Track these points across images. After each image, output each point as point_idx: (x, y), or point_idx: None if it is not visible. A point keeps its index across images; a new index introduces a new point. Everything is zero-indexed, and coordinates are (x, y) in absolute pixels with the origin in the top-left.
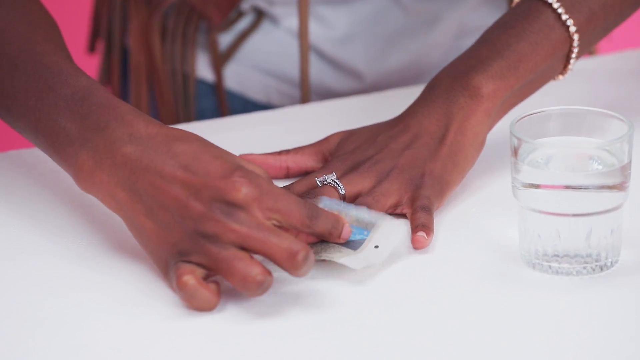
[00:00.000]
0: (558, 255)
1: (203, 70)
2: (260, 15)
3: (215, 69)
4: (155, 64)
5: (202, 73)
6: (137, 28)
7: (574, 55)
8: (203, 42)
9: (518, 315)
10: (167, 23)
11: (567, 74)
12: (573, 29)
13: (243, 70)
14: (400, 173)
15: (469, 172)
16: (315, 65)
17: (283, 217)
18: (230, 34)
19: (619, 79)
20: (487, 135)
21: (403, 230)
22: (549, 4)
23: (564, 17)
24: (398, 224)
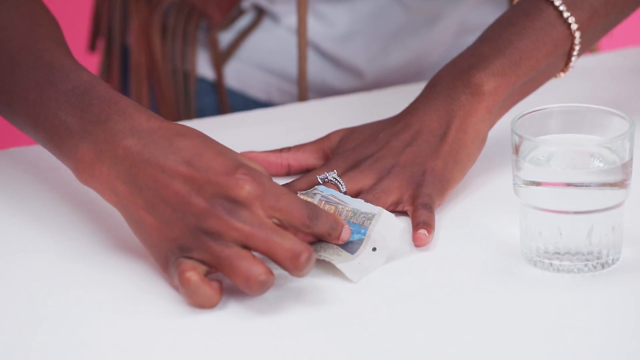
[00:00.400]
0: (559, 253)
1: (203, 69)
2: (261, 13)
3: (216, 67)
4: (156, 63)
5: (202, 71)
6: (137, 26)
7: (576, 53)
8: (203, 40)
9: (519, 313)
10: (167, 21)
11: (568, 72)
12: (575, 27)
13: (244, 68)
14: (402, 170)
15: (470, 169)
16: (316, 63)
17: (284, 216)
18: (231, 32)
19: (620, 77)
20: (488, 133)
21: (400, 226)
22: (551, 2)
23: (566, 14)
24: (394, 218)
